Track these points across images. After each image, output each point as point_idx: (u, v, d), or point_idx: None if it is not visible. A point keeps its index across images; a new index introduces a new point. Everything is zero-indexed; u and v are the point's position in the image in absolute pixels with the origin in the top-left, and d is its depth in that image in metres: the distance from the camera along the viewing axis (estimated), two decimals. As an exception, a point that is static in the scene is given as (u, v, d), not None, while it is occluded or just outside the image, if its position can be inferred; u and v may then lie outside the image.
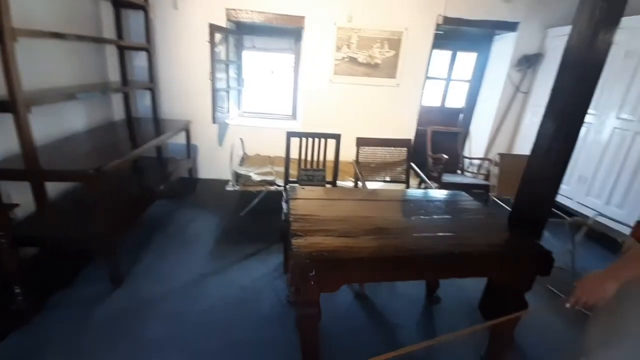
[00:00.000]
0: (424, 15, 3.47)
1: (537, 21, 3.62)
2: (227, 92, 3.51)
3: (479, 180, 3.76)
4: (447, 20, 3.52)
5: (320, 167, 2.50)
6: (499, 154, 3.05)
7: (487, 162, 3.99)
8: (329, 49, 3.48)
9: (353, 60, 3.53)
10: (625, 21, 2.89)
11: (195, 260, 2.33)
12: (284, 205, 2.22)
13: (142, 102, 3.46)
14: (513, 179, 3.12)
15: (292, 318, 1.88)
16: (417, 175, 2.60)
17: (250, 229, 2.82)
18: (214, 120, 3.26)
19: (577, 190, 3.18)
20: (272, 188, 2.89)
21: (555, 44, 3.58)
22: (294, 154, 2.45)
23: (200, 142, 3.72)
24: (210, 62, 3.03)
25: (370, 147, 2.69)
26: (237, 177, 2.93)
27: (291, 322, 1.85)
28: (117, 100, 3.21)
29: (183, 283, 2.09)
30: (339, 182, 2.65)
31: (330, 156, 2.48)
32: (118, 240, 2.10)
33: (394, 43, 3.52)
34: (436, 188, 2.85)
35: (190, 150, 3.41)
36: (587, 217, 2.67)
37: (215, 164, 3.80)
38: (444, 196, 1.92)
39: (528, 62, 3.75)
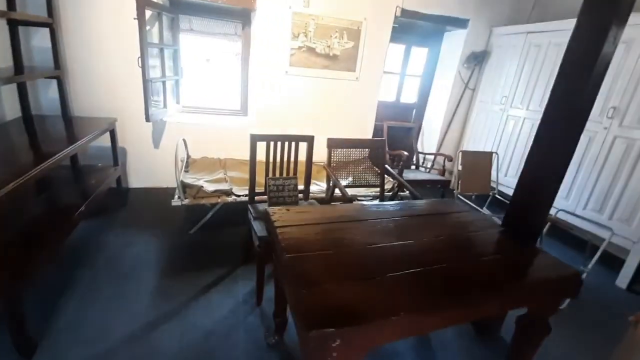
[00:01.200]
0: (383, 6, 3.29)
1: (484, 19, 3.72)
2: (163, 83, 2.91)
3: (438, 177, 3.80)
4: (405, 12, 3.40)
5: (291, 174, 2.16)
6: (461, 151, 3.06)
7: (441, 157, 4.05)
8: (284, 36, 3.09)
9: (311, 50, 3.20)
10: (565, 23, 3.13)
11: (137, 303, 1.82)
12: (254, 225, 1.84)
13: (47, 96, 2.67)
14: (474, 176, 3.18)
15: (276, 364, 1.55)
16: (394, 178, 2.44)
17: (206, 251, 2.36)
18: (148, 118, 2.65)
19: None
20: (229, 199, 2.45)
21: (500, 42, 3.73)
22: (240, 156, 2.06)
23: (130, 144, 3.05)
24: (140, 44, 2.42)
25: (343, 149, 2.43)
26: (185, 188, 2.42)
27: (276, 371, 1.52)
28: (8, 93, 2.38)
29: (123, 338, 1.59)
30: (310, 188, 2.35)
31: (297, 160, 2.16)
32: (22, 290, 1.50)
33: (353, 34, 3.28)
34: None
35: (117, 155, 2.74)
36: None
37: (150, 170, 3.17)
38: (439, 207, 1.76)
39: (476, 59, 3.86)
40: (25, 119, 2.34)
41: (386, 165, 2.47)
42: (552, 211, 2.87)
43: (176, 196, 2.35)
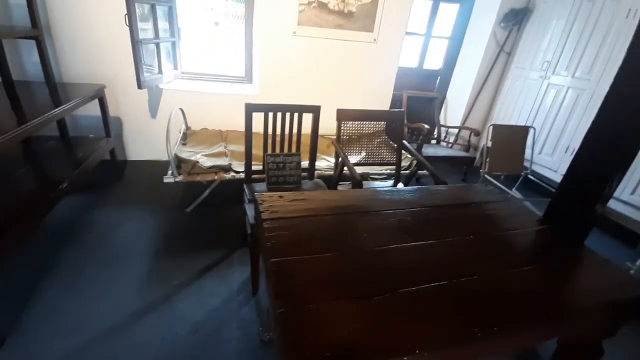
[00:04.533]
0: (408, -49, 2.80)
1: (529, -32, 3.15)
2: (157, 45, 2.61)
3: (461, 153, 3.43)
4: (434, -41, 2.90)
5: (294, 149, 1.88)
6: (492, 125, 2.67)
7: (467, 131, 3.65)
8: (291, -11, 2.69)
9: (323, 6, 2.79)
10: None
11: (122, 289, 1.66)
12: (247, 209, 1.61)
13: (30, 59, 2.44)
14: (506, 153, 2.81)
15: (270, 365, 1.38)
16: (413, 156, 2.12)
17: (202, 232, 2.17)
18: (140, 85, 2.40)
19: (563, 162, 2.97)
20: (228, 175, 2.22)
21: (546, -2, 3.17)
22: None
23: (125, 113, 2.83)
24: (126, -1, 2.11)
25: (355, 122, 2.11)
26: (180, 163, 2.20)
27: (269, 374, 1.35)
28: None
29: (101, 332, 1.43)
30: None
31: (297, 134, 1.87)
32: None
33: (372, -15, 2.83)
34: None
35: (109, 125, 2.53)
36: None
37: (148, 141, 2.96)
38: (467, 195, 1.45)
39: (515, 18, 3.33)
40: (4, 82, 2.12)
41: (404, 141, 2.15)
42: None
43: (169, 172, 2.14)
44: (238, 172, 2.24)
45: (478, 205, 1.33)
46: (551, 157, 3.08)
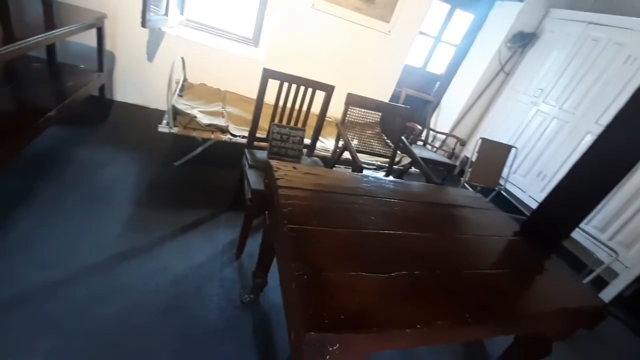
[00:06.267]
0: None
1: (543, -4, 3.27)
2: (168, -16, 2.45)
3: (444, 159, 3.58)
4: (462, -36, 2.92)
5: (299, 124, 1.89)
6: (482, 138, 2.82)
7: (453, 139, 3.81)
8: (319, -41, 2.61)
9: (347, -15, 2.74)
10: (634, 22, 2.73)
11: (104, 230, 1.62)
12: (248, 174, 1.62)
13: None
14: (487, 167, 2.99)
15: (249, 326, 1.43)
16: (408, 153, 2.21)
17: (190, 188, 2.14)
18: (144, 23, 2.24)
19: (533, 184, 3.22)
20: (224, 137, 2.19)
21: (553, 27, 3.33)
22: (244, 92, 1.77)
23: (120, 50, 2.65)
24: None
25: (361, 109, 2.15)
26: (176, 115, 2.13)
27: (247, 334, 1.40)
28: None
29: (82, 269, 1.41)
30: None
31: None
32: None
33: (399, -24, 2.82)
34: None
35: (103, 59, 2.37)
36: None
37: (141, 84, 2.81)
38: (464, 199, 1.56)
39: (522, 40, 3.47)
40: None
41: (403, 137, 2.23)
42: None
43: (164, 121, 2.06)
44: (235, 136, 2.21)
45: (467, 208, 1.44)
46: (524, 178, 3.31)
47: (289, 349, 0.76)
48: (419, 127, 3.33)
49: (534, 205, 3.05)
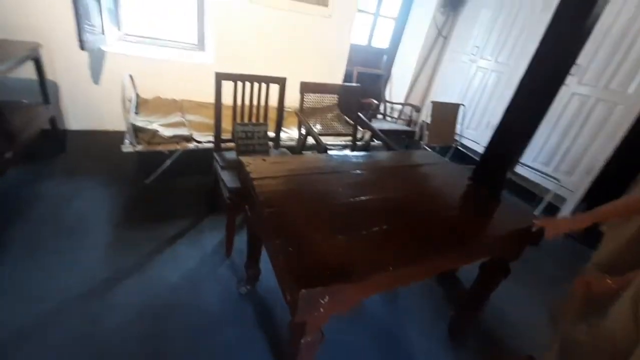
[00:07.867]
0: None
1: (465, -42, 3.48)
2: (98, 1, 2.39)
3: (404, 127, 3.80)
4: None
5: (260, 120, 1.98)
6: (432, 102, 3.03)
7: (409, 107, 4.03)
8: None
9: (279, -24, 2.79)
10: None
11: (89, 259, 1.64)
12: (222, 175, 1.70)
13: None
14: (441, 128, 3.22)
15: (250, 311, 1.55)
16: (368, 128, 2.35)
17: (166, 201, 2.18)
18: (82, 45, 2.20)
19: (484, 135, 3.49)
20: (190, 146, 2.23)
21: (478, -12, 3.56)
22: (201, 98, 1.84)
23: (63, 77, 2.57)
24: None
25: (315, 94, 2.26)
26: (137, 132, 2.14)
27: (250, 318, 1.52)
28: None
29: (76, 294, 1.45)
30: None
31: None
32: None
33: (327, -40, 2.90)
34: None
35: (47, 90, 2.30)
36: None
37: (91, 109, 2.75)
38: (417, 159, 1.73)
39: (451, 4, 3.69)
40: None
41: (360, 114, 2.37)
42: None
43: (126, 141, 2.07)
44: (200, 142, 2.26)
45: (424, 165, 1.62)
46: (475, 131, 3.59)
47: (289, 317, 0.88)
48: (375, 101, 3.49)
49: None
